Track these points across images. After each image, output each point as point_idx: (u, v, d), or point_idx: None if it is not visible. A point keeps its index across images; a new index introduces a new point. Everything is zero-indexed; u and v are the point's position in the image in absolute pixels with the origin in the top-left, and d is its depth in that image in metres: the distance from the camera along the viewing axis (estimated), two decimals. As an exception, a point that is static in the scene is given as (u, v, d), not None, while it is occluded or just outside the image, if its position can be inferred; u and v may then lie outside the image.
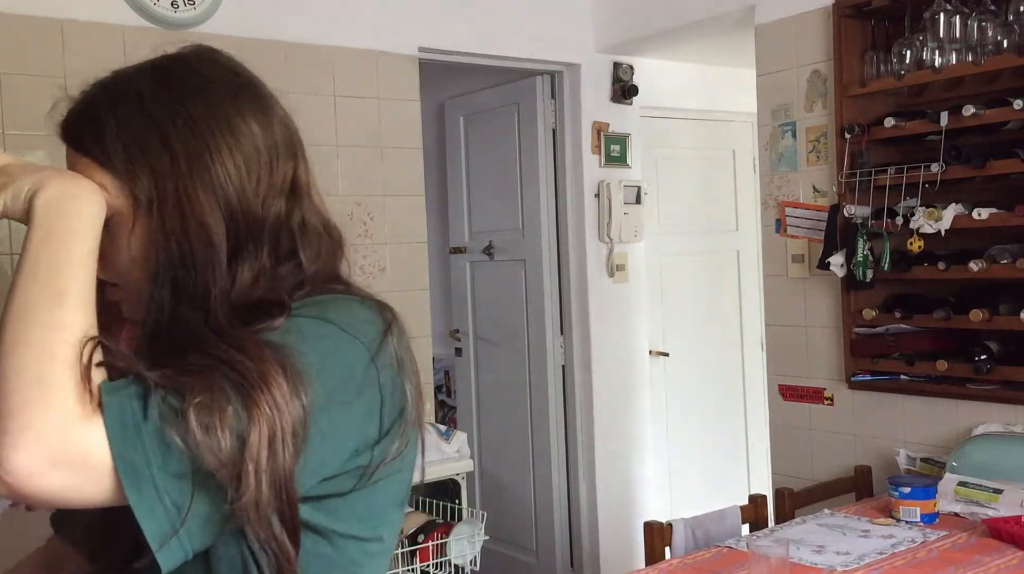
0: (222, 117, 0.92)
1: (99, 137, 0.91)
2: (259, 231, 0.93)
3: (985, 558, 2.18)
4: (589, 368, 4.17)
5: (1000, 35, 2.74)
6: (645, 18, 3.91)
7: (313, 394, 0.84)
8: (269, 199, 0.94)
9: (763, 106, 3.46)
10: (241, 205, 0.91)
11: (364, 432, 0.91)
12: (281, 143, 0.96)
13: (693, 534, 2.52)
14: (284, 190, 0.96)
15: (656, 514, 4.14)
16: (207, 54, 0.99)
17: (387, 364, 0.92)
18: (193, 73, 0.95)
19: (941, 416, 2.96)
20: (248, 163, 0.92)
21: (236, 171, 0.91)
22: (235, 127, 0.93)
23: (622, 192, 4.15)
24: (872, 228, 2.97)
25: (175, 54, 0.98)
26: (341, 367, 0.88)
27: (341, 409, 0.88)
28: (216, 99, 0.93)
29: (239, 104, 0.94)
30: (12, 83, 2.81)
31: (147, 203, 0.89)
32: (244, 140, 0.93)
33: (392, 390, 0.92)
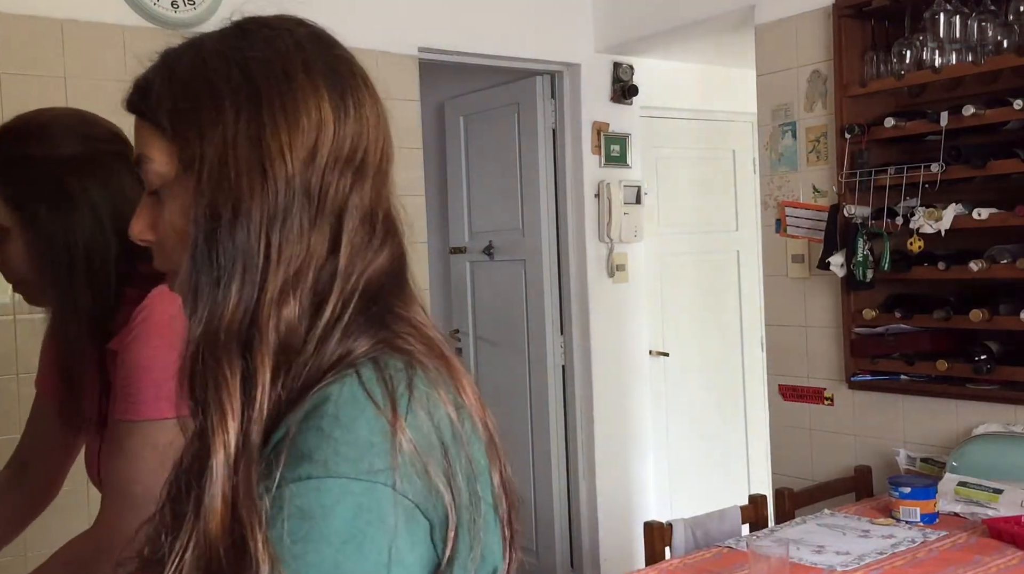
0: (287, 89, 0.82)
1: (150, 97, 0.87)
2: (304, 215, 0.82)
3: (985, 558, 2.18)
4: (589, 368, 4.17)
5: (1000, 35, 2.74)
6: (645, 18, 3.91)
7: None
8: (328, 177, 0.83)
9: (763, 106, 3.46)
10: (288, 181, 0.81)
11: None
12: (351, 134, 0.85)
13: (693, 534, 2.52)
14: (348, 169, 0.84)
15: (656, 514, 4.15)
16: (288, 23, 0.90)
17: (416, 473, 0.75)
18: (265, 39, 0.86)
19: (941, 416, 2.96)
20: (303, 142, 0.82)
21: (288, 148, 0.81)
22: (297, 101, 0.82)
23: (622, 192, 4.15)
24: (872, 228, 2.97)
25: (254, 17, 0.90)
26: (372, 545, 0.74)
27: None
28: (281, 68, 0.83)
29: (313, 78, 0.84)
30: (12, 83, 2.81)
31: (188, 168, 0.82)
32: (304, 118, 0.82)
33: (434, 496, 0.76)
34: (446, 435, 0.78)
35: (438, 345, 0.84)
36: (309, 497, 0.73)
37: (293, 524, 0.72)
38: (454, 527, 0.77)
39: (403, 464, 0.74)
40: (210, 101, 0.82)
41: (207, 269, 0.80)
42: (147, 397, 1.26)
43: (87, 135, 1.37)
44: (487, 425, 0.84)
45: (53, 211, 1.31)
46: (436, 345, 0.84)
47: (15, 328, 2.83)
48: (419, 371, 0.79)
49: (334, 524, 0.72)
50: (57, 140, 1.34)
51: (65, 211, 1.31)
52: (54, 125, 1.36)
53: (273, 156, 0.80)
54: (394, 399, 0.76)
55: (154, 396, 1.26)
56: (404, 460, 0.75)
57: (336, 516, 0.73)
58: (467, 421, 0.81)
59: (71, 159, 1.33)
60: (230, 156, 0.80)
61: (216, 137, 0.81)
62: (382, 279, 0.85)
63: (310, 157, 0.81)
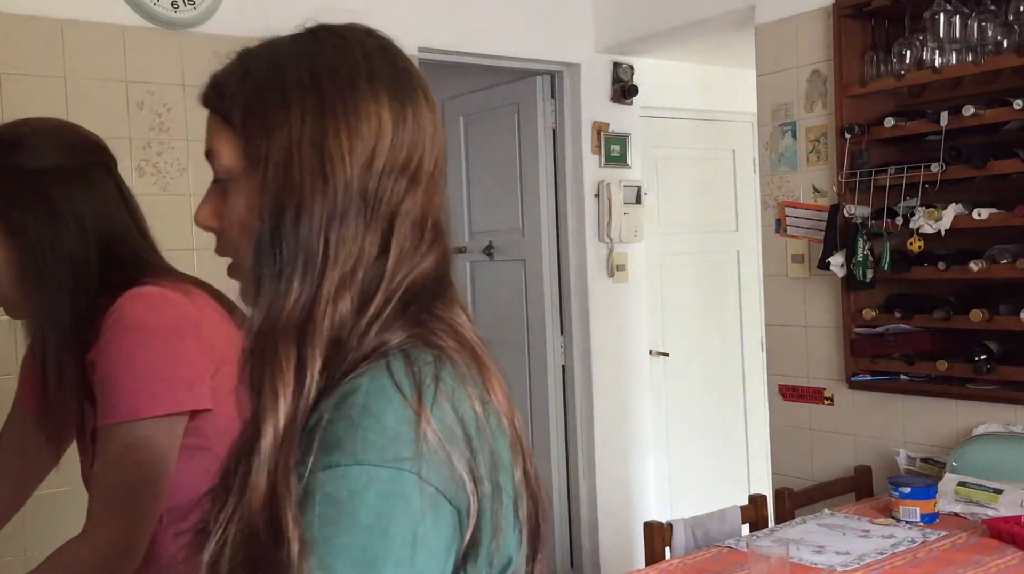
0: (350, 97, 0.87)
1: (224, 94, 0.90)
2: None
3: (985, 558, 2.18)
4: (589, 368, 4.17)
5: (1000, 35, 2.74)
6: (645, 18, 3.91)
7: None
8: (384, 180, 0.87)
9: (763, 106, 3.46)
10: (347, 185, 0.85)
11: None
12: (408, 143, 0.88)
13: (693, 534, 2.52)
14: (403, 176, 0.88)
15: (656, 514, 4.15)
16: (359, 33, 0.96)
17: (440, 462, 0.79)
18: (334, 47, 0.92)
19: (941, 416, 2.95)
20: (363, 148, 0.86)
21: (348, 154, 0.85)
22: (359, 110, 0.86)
23: (622, 192, 4.15)
24: (872, 228, 2.97)
25: (327, 25, 0.96)
26: (399, 525, 0.78)
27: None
28: (347, 76, 0.88)
29: (375, 88, 0.88)
30: (12, 83, 2.81)
31: (255, 165, 0.86)
32: (364, 125, 0.86)
33: (457, 484, 0.80)
34: (470, 427, 0.81)
35: (471, 344, 0.87)
36: (338, 484, 0.77)
37: (323, 509, 0.76)
38: (476, 515, 0.80)
39: (428, 453, 0.78)
40: (279, 103, 0.86)
41: (270, 262, 0.84)
42: (123, 398, 1.26)
43: (70, 145, 1.37)
44: (513, 424, 0.87)
45: (39, 221, 1.31)
46: (469, 344, 0.87)
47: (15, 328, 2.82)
48: (447, 365, 0.83)
49: (361, 509, 0.76)
50: (40, 150, 1.33)
51: (51, 221, 1.31)
52: (36, 135, 1.35)
53: (334, 160, 0.84)
54: (420, 391, 0.80)
55: (130, 396, 1.26)
56: (429, 449, 0.78)
57: (363, 501, 0.76)
58: (492, 417, 0.84)
59: (56, 169, 1.33)
60: (295, 157, 0.85)
61: (282, 138, 0.85)
62: (425, 282, 0.88)
63: (368, 163, 0.86)
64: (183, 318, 1.32)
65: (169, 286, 1.34)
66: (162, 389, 1.27)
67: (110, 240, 1.36)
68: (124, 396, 1.26)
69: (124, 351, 1.27)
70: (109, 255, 1.36)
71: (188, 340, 1.31)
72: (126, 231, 1.39)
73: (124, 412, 1.26)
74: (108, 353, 1.27)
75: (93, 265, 1.34)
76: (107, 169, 1.41)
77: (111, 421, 1.26)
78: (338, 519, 0.77)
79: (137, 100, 2.99)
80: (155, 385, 1.26)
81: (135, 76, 3.00)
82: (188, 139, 3.10)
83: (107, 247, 1.36)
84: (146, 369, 1.27)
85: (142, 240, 1.43)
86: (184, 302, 1.33)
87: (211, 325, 1.35)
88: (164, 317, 1.30)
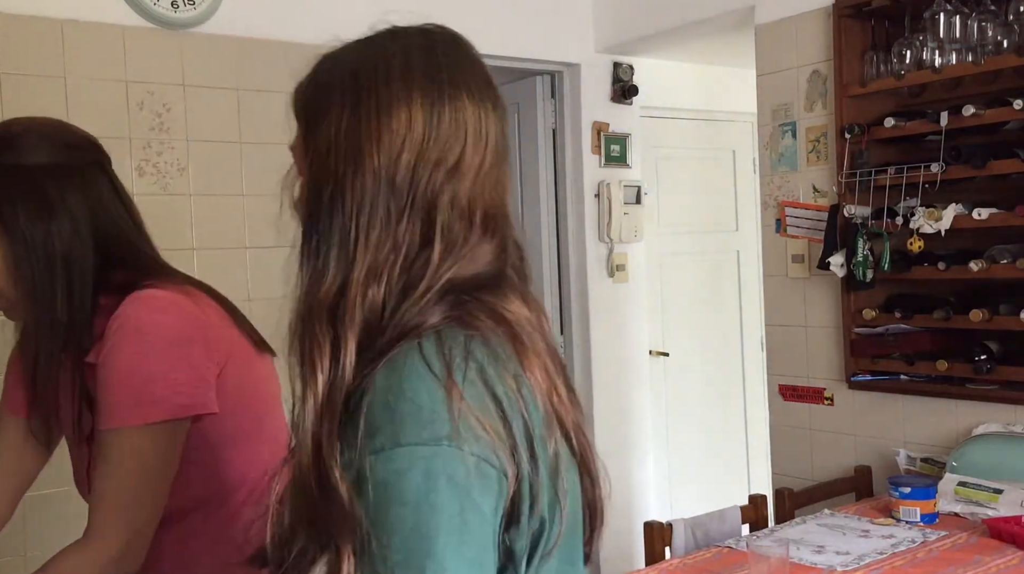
0: (384, 94, 0.93)
1: (296, 93, 1.00)
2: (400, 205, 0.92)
3: (985, 558, 2.18)
4: (589, 368, 4.17)
5: (1000, 35, 2.74)
6: (645, 18, 3.91)
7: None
8: (419, 171, 0.92)
9: (763, 106, 3.46)
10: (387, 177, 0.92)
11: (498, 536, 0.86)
12: (444, 137, 0.93)
13: (693, 534, 2.52)
14: (439, 168, 0.93)
15: (656, 514, 4.14)
16: (412, 33, 1.01)
17: (476, 433, 0.83)
18: (379, 47, 0.99)
19: (941, 416, 2.96)
20: (391, 142, 0.92)
21: (377, 145, 0.92)
22: (391, 106, 0.93)
23: (622, 192, 4.15)
24: (872, 228, 2.97)
25: (391, 27, 1.03)
26: (446, 500, 0.82)
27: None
28: (384, 74, 0.95)
29: (408, 86, 0.94)
30: (12, 83, 2.81)
31: (309, 154, 0.96)
32: (395, 120, 0.92)
33: (495, 451, 0.84)
34: (503, 400, 0.86)
35: (514, 327, 0.91)
36: (385, 467, 0.83)
37: (375, 493, 0.82)
38: (515, 479, 0.85)
39: (463, 426, 0.83)
40: (327, 100, 0.95)
41: (310, 240, 0.94)
42: (126, 404, 1.25)
43: (65, 143, 1.36)
44: (550, 401, 0.91)
45: (32, 219, 1.30)
46: (507, 322, 0.91)
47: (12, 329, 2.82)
48: (479, 342, 0.88)
49: (408, 488, 0.82)
50: (34, 148, 1.33)
51: (45, 219, 1.31)
52: (30, 133, 1.35)
53: (364, 151, 0.92)
54: (450, 368, 0.85)
55: (134, 403, 1.25)
56: (464, 423, 0.83)
57: (410, 481, 0.82)
58: (526, 391, 0.88)
59: (49, 167, 1.33)
60: (333, 147, 0.93)
61: (325, 130, 0.94)
62: (476, 272, 0.93)
63: (397, 155, 0.92)
64: (188, 322, 1.31)
65: (172, 288, 1.34)
66: (167, 394, 1.26)
67: (107, 238, 1.36)
68: (128, 401, 1.25)
69: (129, 355, 1.26)
70: (106, 253, 1.36)
71: (193, 344, 1.30)
72: (123, 229, 1.39)
73: (128, 417, 1.25)
74: (112, 357, 1.27)
75: (89, 263, 1.34)
76: (101, 167, 1.41)
77: (114, 425, 1.26)
78: (389, 500, 0.82)
79: (137, 100, 2.99)
80: (160, 390, 1.26)
81: (135, 76, 3.00)
82: (188, 139, 3.11)
83: (104, 245, 1.36)
84: (151, 373, 1.26)
85: (139, 238, 1.42)
86: (188, 305, 1.33)
87: (213, 327, 1.35)
88: (169, 321, 1.30)
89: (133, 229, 1.42)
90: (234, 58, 3.20)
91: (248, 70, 3.23)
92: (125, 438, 1.26)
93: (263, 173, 3.27)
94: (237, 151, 3.21)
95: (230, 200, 3.18)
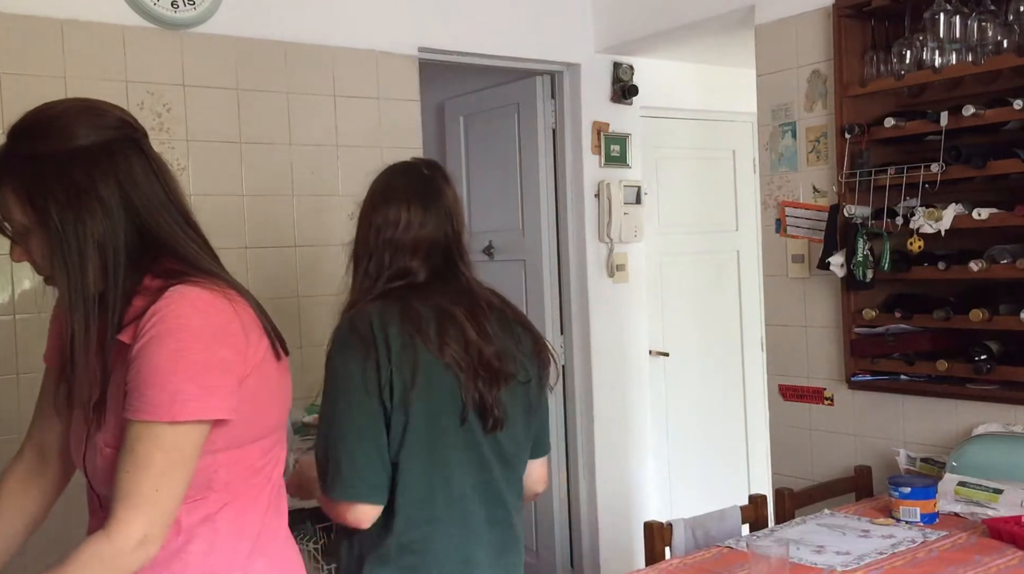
0: (380, 200, 1.88)
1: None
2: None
3: (985, 558, 2.18)
4: (589, 368, 4.17)
5: (1000, 35, 2.74)
6: (645, 18, 3.91)
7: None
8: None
9: (763, 106, 3.46)
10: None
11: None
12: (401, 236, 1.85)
13: (693, 534, 2.52)
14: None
15: (656, 514, 4.15)
16: (409, 170, 1.93)
17: (360, 342, 1.80)
18: (388, 179, 1.93)
19: (941, 416, 2.96)
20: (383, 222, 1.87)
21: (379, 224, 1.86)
22: (388, 206, 1.87)
23: (622, 192, 4.15)
24: (872, 228, 2.97)
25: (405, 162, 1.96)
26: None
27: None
28: (382, 191, 1.90)
29: (398, 196, 1.88)
30: (12, 83, 2.81)
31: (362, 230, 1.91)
32: (382, 215, 1.86)
33: (370, 351, 1.77)
34: (375, 331, 1.74)
35: (406, 299, 1.79)
36: (327, 365, 1.79)
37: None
38: (379, 365, 1.72)
39: (356, 336, 1.76)
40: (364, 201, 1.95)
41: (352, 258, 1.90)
42: (160, 400, 1.27)
43: (95, 125, 1.37)
44: (412, 338, 1.74)
45: (63, 207, 1.32)
46: (405, 299, 1.80)
47: (15, 328, 2.83)
48: (378, 305, 1.78)
49: (328, 372, 1.78)
50: (65, 134, 1.35)
51: (75, 206, 1.33)
52: (62, 118, 1.37)
53: (368, 227, 1.89)
54: (354, 316, 1.78)
55: (168, 400, 1.27)
56: (357, 334, 1.75)
57: (330, 368, 1.78)
58: (392, 329, 1.74)
59: (78, 152, 1.34)
60: (359, 224, 1.91)
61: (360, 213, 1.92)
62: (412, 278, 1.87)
63: (379, 229, 1.87)
64: (226, 325, 1.33)
65: (213, 289, 1.35)
66: (198, 395, 1.29)
67: (143, 219, 1.37)
68: (160, 397, 1.27)
69: (165, 351, 1.28)
70: (143, 234, 1.38)
71: (228, 349, 1.33)
72: (160, 209, 1.40)
73: (158, 412, 1.27)
74: (149, 350, 1.28)
75: (122, 243, 1.35)
76: (134, 145, 1.41)
77: (143, 417, 1.28)
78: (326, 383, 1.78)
79: (137, 100, 2.99)
80: (192, 390, 1.28)
81: (135, 76, 3.01)
82: (188, 139, 3.11)
83: (140, 226, 1.37)
84: (185, 373, 1.28)
85: (179, 217, 1.43)
86: (227, 308, 1.35)
87: (247, 334, 1.37)
88: (208, 322, 1.32)
89: (171, 208, 1.42)
90: (234, 58, 3.20)
91: (248, 70, 3.23)
92: (152, 433, 1.28)
93: (263, 173, 3.28)
94: (237, 151, 3.21)
95: (230, 200, 3.19)
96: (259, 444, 1.41)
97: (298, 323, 3.27)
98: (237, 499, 1.40)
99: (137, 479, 1.28)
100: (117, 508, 1.28)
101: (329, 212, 3.39)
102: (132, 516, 1.27)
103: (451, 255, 1.85)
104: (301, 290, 3.32)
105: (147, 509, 1.27)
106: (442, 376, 1.72)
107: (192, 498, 1.35)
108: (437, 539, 1.74)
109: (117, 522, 1.27)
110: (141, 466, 1.28)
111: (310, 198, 3.36)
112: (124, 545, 1.26)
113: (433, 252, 1.83)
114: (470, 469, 1.77)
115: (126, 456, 1.29)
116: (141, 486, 1.27)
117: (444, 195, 1.86)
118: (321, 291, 3.29)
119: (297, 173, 3.34)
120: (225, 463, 1.37)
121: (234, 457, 1.38)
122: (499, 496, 1.82)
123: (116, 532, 1.27)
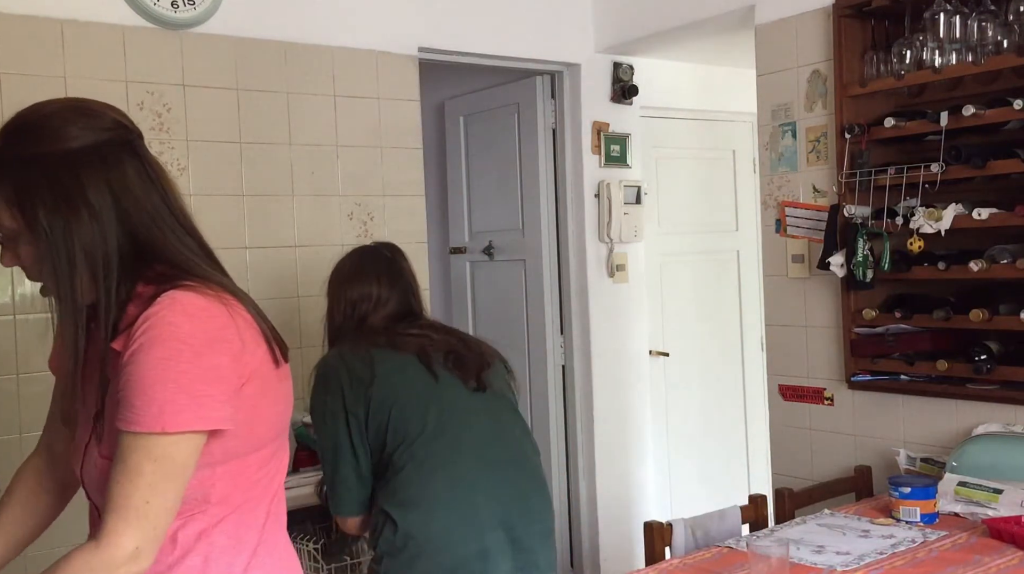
0: (347, 279, 2.42)
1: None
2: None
3: (985, 558, 2.18)
4: (589, 368, 4.17)
5: (1000, 35, 2.74)
6: (645, 18, 3.91)
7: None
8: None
9: (763, 106, 3.46)
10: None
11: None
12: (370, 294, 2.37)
13: (693, 534, 2.52)
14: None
15: (656, 514, 4.15)
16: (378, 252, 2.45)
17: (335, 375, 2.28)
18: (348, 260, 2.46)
19: (941, 416, 2.96)
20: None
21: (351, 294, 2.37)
22: (360, 286, 2.38)
23: (622, 192, 4.15)
24: (872, 228, 2.97)
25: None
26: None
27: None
28: (351, 270, 2.41)
29: (364, 274, 2.39)
30: (12, 83, 2.81)
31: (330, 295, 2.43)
32: (356, 291, 2.38)
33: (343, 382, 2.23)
34: (336, 364, 2.24)
35: (397, 338, 2.29)
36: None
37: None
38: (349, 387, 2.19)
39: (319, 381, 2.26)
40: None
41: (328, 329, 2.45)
42: (150, 410, 1.23)
43: (87, 127, 1.32)
44: (368, 351, 2.21)
45: (51, 213, 1.28)
46: (393, 337, 2.29)
47: (15, 328, 2.82)
48: (337, 348, 2.28)
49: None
50: (56, 135, 1.30)
51: (63, 211, 1.28)
52: (54, 119, 1.32)
53: (344, 301, 2.41)
54: (318, 366, 2.29)
55: (157, 411, 1.23)
56: (320, 379, 2.25)
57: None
58: (348, 356, 2.21)
59: (69, 154, 1.30)
60: (336, 292, 2.43)
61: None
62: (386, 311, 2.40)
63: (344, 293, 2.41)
64: (219, 332, 1.29)
65: (207, 294, 1.31)
66: (191, 405, 1.24)
67: (135, 225, 1.33)
68: (152, 407, 1.23)
69: (157, 360, 1.24)
70: (135, 239, 1.33)
71: (222, 356, 1.28)
72: (153, 214, 1.35)
73: (150, 423, 1.23)
74: (138, 359, 1.25)
75: (114, 250, 1.31)
76: (128, 147, 1.36)
77: (133, 428, 1.24)
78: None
79: (137, 100, 2.99)
80: (182, 400, 1.24)
81: (135, 76, 3.01)
82: (188, 139, 3.11)
83: (132, 231, 1.33)
84: (176, 382, 1.24)
85: (174, 222, 1.37)
86: (222, 314, 1.30)
87: (243, 341, 1.32)
88: (199, 328, 1.27)
89: (165, 212, 1.36)
90: (234, 58, 3.20)
91: (248, 70, 3.23)
92: (144, 444, 1.24)
93: (263, 173, 3.28)
94: (237, 151, 3.21)
95: (230, 200, 3.19)
96: (258, 455, 1.37)
97: (298, 323, 3.27)
98: (235, 512, 1.35)
99: (127, 491, 1.24)
100: (108, 519, 1.24)
101: (329, 212, 3.39)
102: (122, 528, 1.23)
103: (411, 311, 2.40)
104: (301, 290, 3.32)
105: (138, 522, 1.23)
106: (404, 361, 2.23)
107: (188, 512, 1.31)
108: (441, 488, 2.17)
109: (108, 534, 1.23)
110: (132, 477, 1.24)
111: (310, 198, 3.36)
112: (114, 557, 1.22)
113: (396, 318, 2.37)
114: (468, 417, 2.24)
115: (118, 467, 1.25)
116: (131, 498, 1.23)
117: (404, 272, 2.42)
118: (321, 291, 3.28)
119: (297, 173, 3.34)
120: (223, 476, 1.33)
121: (232, 469, 1.34)
122: (508, 440, 2.30)
123: (107, 543, 1.23)
